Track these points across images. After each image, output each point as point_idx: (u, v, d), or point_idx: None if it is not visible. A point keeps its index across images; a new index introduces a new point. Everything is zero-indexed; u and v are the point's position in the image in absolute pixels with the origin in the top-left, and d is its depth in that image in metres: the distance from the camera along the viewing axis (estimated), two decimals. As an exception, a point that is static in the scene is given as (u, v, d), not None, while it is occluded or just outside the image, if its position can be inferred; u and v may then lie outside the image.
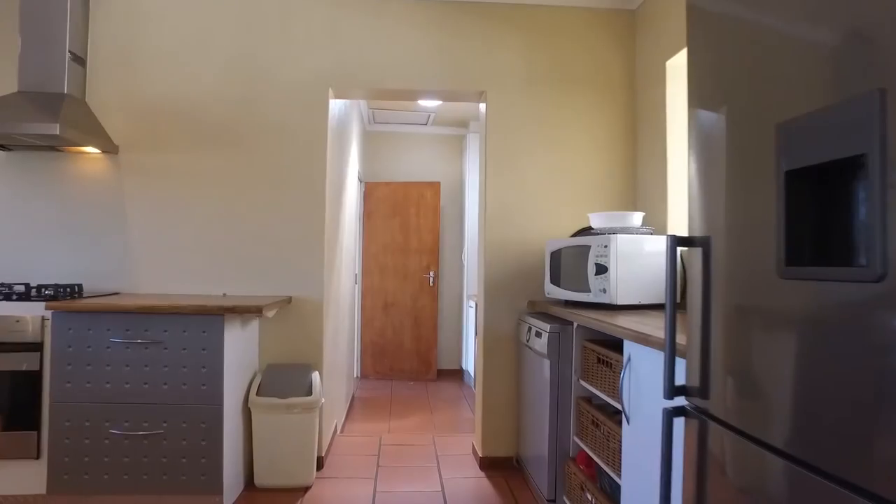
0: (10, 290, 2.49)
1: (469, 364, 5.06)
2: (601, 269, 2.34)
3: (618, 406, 1.85)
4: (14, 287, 2.54)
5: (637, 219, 2.49)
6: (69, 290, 2.52)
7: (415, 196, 5.40)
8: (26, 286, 2.52)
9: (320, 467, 2.88)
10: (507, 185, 3.01)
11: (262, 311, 2.33)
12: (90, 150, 2.75)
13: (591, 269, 2.39)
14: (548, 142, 3.04)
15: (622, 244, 2.31)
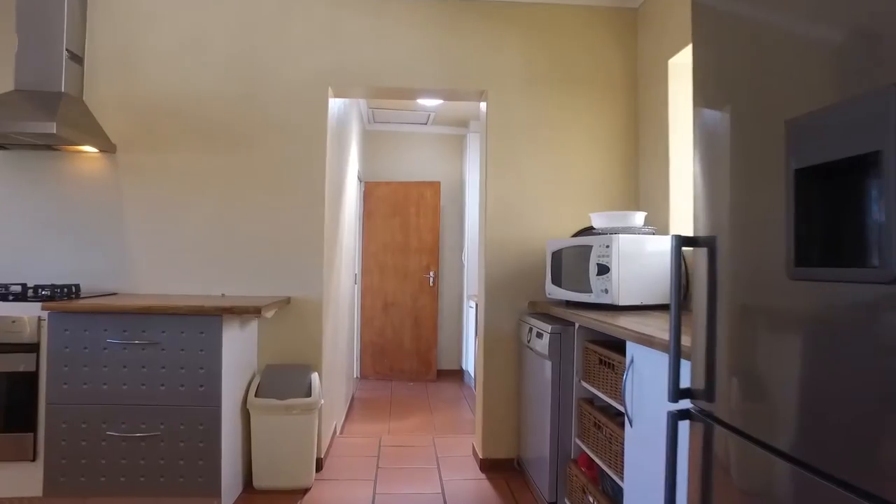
0: (6, 290, 2.47)
1: (469, 364, 5.03)
2: (603, 270, 2.32)
3: (620, 408, 1.83)
4: (11, 287, 2.52)
5: (639, 218, 2.47)
6: (66, 290, 2.50)
7: (415, 196, 5.38)
8: (23, 286, 2.50)
9: (319, 469, 2.86)
10: (507, 185, 2.99)
11: (260, 312, 2.31)
12: (88, 149, 2.73)
13: (593, 269, 2.37)
14: (549, 141, 3.02)
15: (624, 244, 2.29)
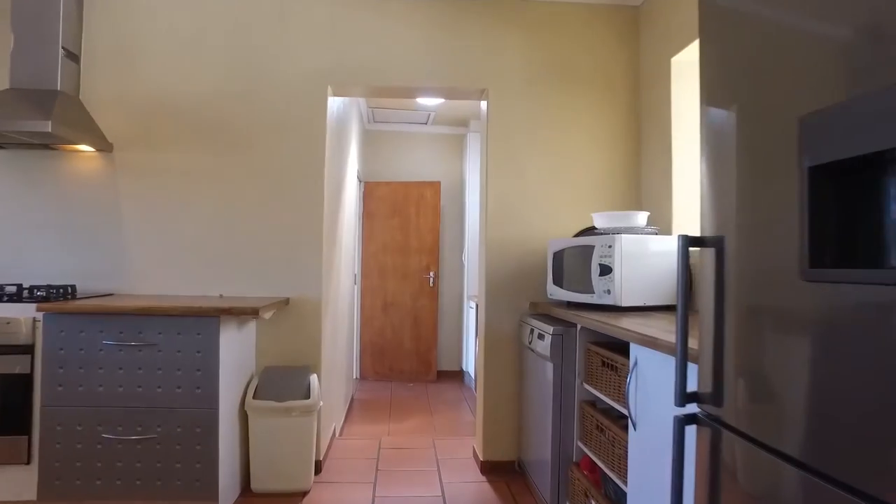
0: (1, 290, 2.44)
1: (469, 365, 5.00)
2: (605, 270, 2.29)
3: (623, 411, 1.80)
4: (6, 288, 2.49)
5: (642, 218, 2.44)
6: (62, 291, 2.48)
7: (415, 196, 5.35)
8: (18, 287, 2.47)
9: (318, 471, 2.83)
10: (508, 184, 2.96)
11: (258, 313, 2.28)
12: (84, 148, 2.70)
13: (595, 269, 2.34)
14: (550, 140, 2.99)
15: (627, 244, 2.26)
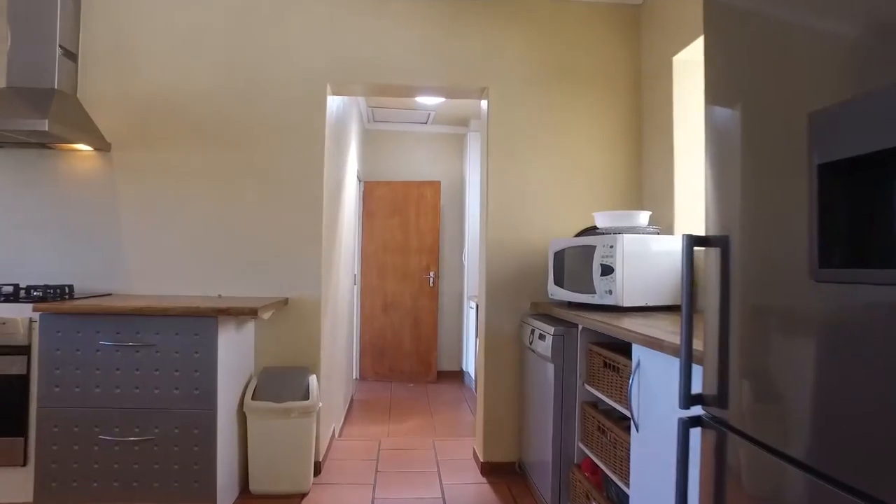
0: (-2, 290, 2.42)
1: (469, 366, 4.98)
2: (607, 270, 2.27)
3: (625, 412, 1.78)
4: (3, 288, 2.47)
5: (643, 218, 2.42)
6: (59, 291, 2.45)
7: (415, 195, 5.33)
8: (15, 287, 2.45)
9: (317, 473, 2.80)
10: (509, 184, 2.94)
11: (256, 313, 2.26)
12: (82, 147, 2.68)
13: (597, 269, 2.32)
14: (551, 139, 2.97)
15: (628, 244, 2.24)
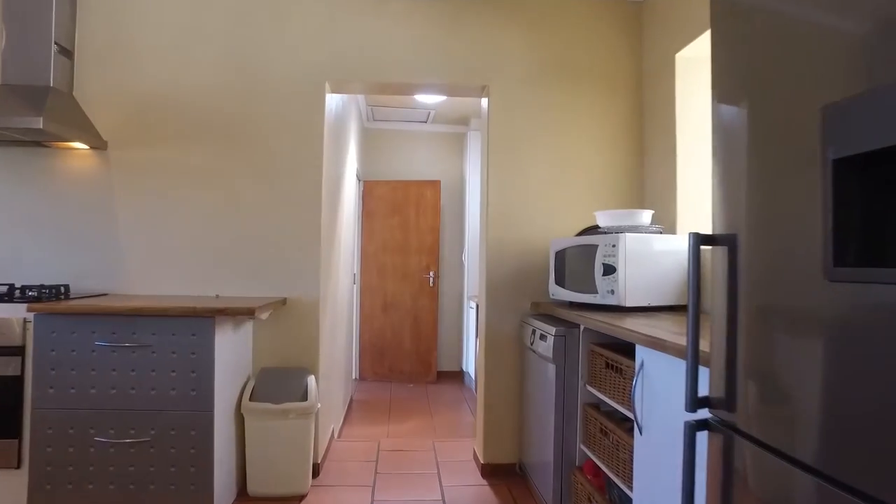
0: (-8, 290, 2.39)
1: (469, 366, 4.96)
2: (609, 270, 2.24)
3: (628, 414, 1.75)
4: (-3, 288, 2.44)
5: (646, 217, 2.39)
6: (54, 291, 2.42)
7: (415, 195, 5.30)
8: (10, 287, 2.42)
9: (316, 474, 2.78)
10: (509, 182, 2.91)
11: (254, 313, 2.23)
12: (78, 145, 2.65)
13: (599, 269, 2.29)
14: (552, 137, 2.94)
15: (631, 243, 2.22)
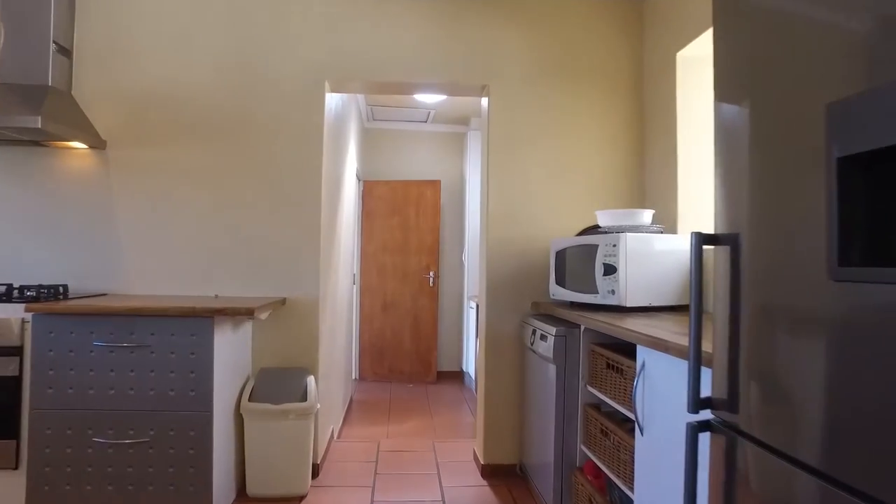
0: (-10, 290, 2.38)
1: (470, 366, 4.95)
2: (610, 270, 2.23)
3: (629, 415, 1.74)
4: (-5, 288, 2.43)
5: (647, 216, 2.38)
6: (53, 290, 2.41)
7: (414, 195, 5.29)
8: (8, 287, 2.41)
9: (315, 475, 2.77)
10: (509, 182, 2.90)
11: (253, 313, 2.22)
12: (76, 144, 2.64)
13: (599, 269, 2.28)
14: (552, 137, 2.93)
15: (632, 243, 2.20)
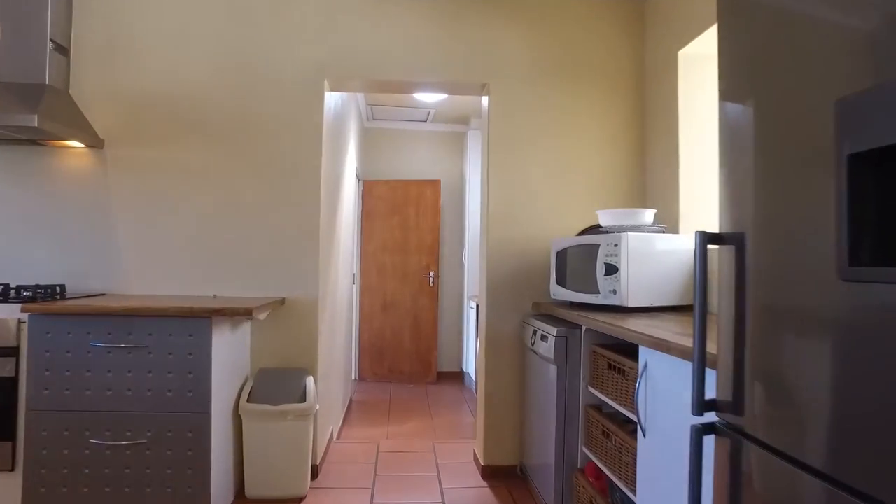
0: (-13, 290, 2.36)
1: (470, 366, 4.93)
2: (611, 270, 2.21)
3: (631, 416, 1.73)
4: (-8, 288, 2.41)
5: (648, 216, 2.36)
6: (50, 291, 2.40)
7: (414, 194, 5.28)
8: (5, 287, 2.39)
9: (315, 476, 2.75)
10: (510, 181, 2.88)
11: (251, 314, 2.20)
12: (74, 143, 2.62)
13: (601, 269, 2.27)
14: (553, 136, 2.91)
15: (633, 242, 2.19)
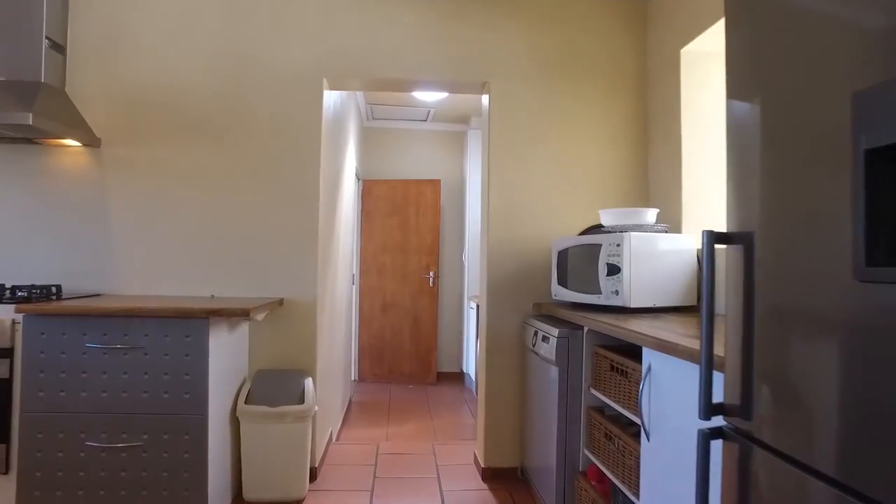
0: (-19, 291, 2.33)
1: (470, 367, 4.90)
2: (613, 270, 2.19)
3: (634, 419, 1.70)
4: (-14, 288, 2.39)
5: (651, 215, 2.34)
6: (46, 291, 2.37)
7: (414, 194, 5.25)
8: (0, 287, 2.37)
9: (313, 479, 2.72)
10: (510, 181, 2.85)
11: (249, 314, 2.17)
12: (70, 142, 2.59)
13: (603, 269, 2.24)
14: (554, 135, 2.88)
15: (636, 243, 2.16)
